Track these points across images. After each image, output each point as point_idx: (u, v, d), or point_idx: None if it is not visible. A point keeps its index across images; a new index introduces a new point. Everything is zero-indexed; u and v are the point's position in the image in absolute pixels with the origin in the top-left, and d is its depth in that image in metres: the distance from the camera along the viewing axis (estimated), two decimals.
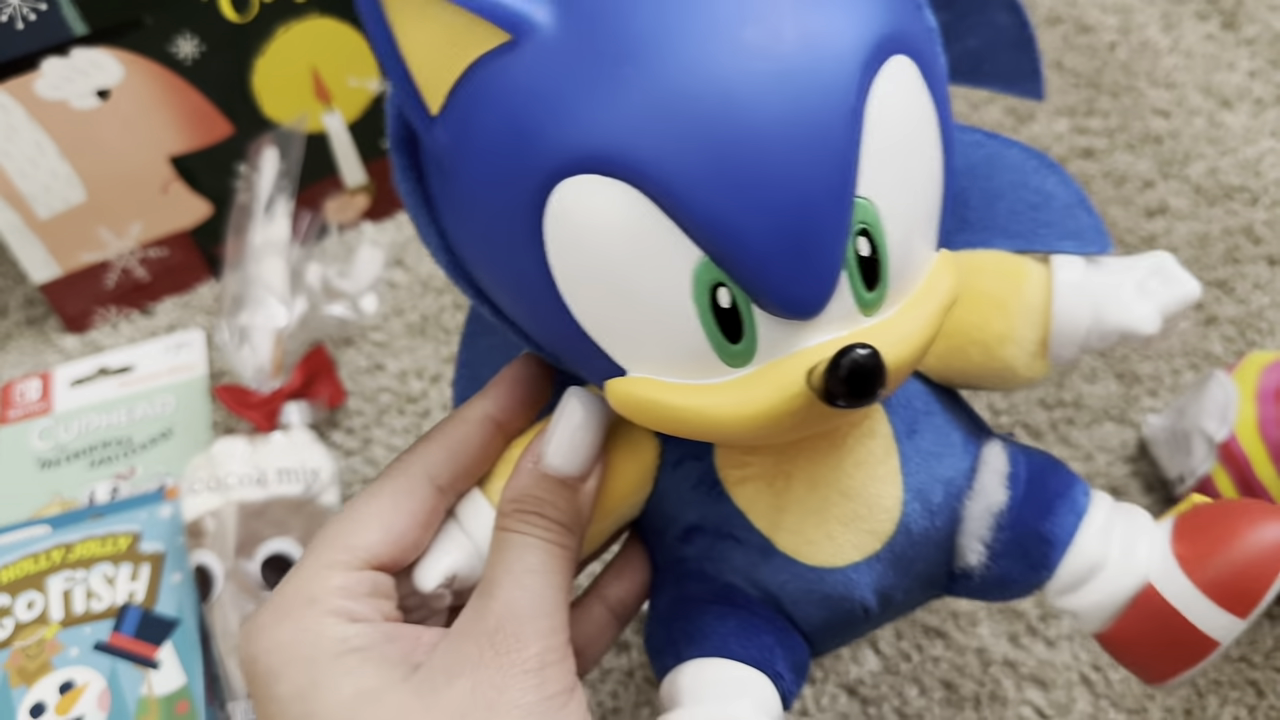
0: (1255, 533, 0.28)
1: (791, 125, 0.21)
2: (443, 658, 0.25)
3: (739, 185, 0.21)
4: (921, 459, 0.29)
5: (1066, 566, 0.29)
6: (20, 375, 0.55)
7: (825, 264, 0.22)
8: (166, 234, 0.56)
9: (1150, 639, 0.29)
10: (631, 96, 0.21)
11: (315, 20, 0.52)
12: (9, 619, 0.45)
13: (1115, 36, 0.64)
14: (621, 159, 0.21)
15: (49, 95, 0.49)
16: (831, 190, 0.22)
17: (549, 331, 0.25)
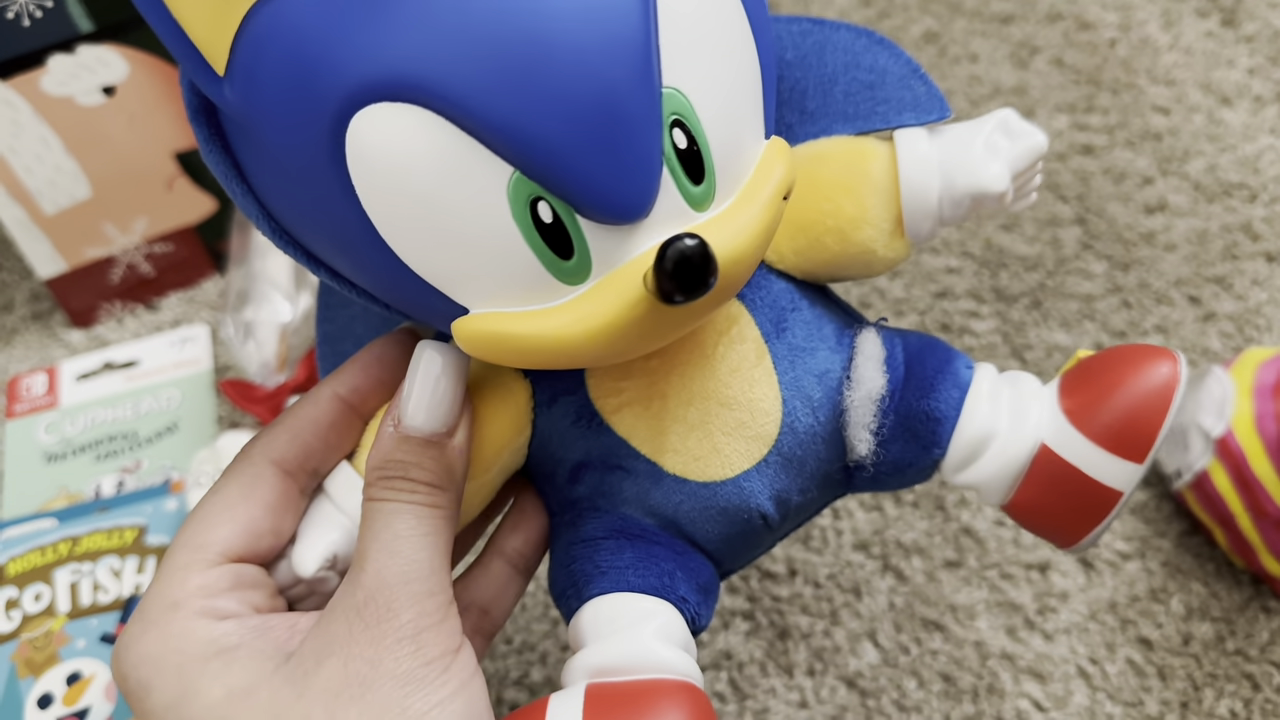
0: (1140, 375, 0.27)
1: (582, 20, 0.20)
2: (312, 641, 0.24)
3: (537, 90, 0.20)
4: (795, 356, 0.28)
5: (958, 441, 0.29)
6: (26, 370, 0.56)
7: (641, 160, 0.21)
8: (171, 230, 0.56)
9: (1055, 501, 0.28)
10: (412, 15, 0.20)
11: None
12: (16, 611, 0.45)
13: (1115, 33, 0.64)
14: (411, 81, 0.20)
15: (55, 91, 0.49)
16: (634, 81, 0.21)
17: (381, 281, 0.24)
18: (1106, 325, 0.53)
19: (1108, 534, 0.47)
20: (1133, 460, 0.27)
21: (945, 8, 0.66)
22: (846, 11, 0.67)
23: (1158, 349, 0.28)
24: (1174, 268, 0.55)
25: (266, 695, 0.23)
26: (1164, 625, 0.45)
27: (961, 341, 0.53)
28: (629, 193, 0.21)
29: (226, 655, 0.24)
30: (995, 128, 0.28)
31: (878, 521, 0.49)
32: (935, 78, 0.63)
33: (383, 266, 0.23)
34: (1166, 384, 0.27)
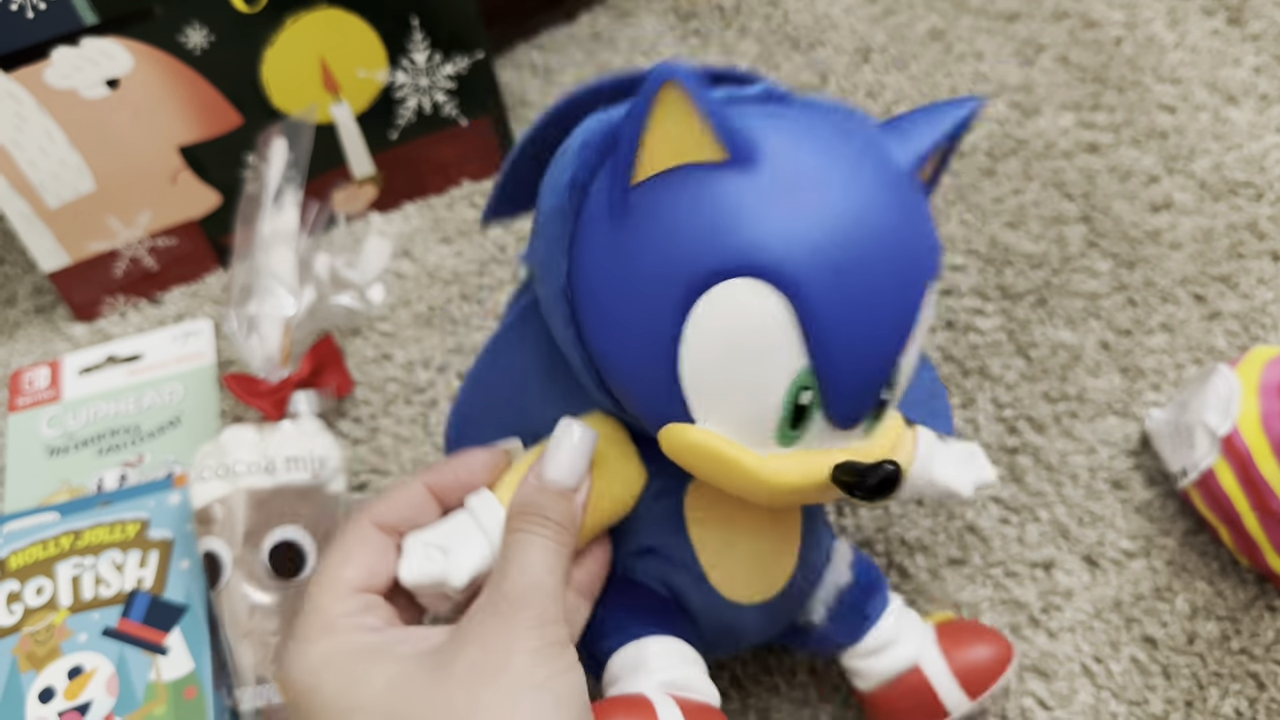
0: (988, 643, 0.41)
1: (891, 306, 0.29)
2: (453, 636, 0.30)
3: (856, 329, 0.29)
4: (811, 539, 0.38)
5: (869, 639, 0.40)
6: (29, 363, 0.56)
7: (877, 384, 0.30)
8: (175, 223, 0.56)
9: (902, 703, 0.40)
10: (804, 234, 0.28)
11: (324, 11, 0.52)
12: (18, 605, 0.45)
13: (1121, 32, 0.64)
14: (781, 274, 0.28)
15: (59, 84, 0.49)
16: (894, 351, 0.30)
17: (642, 377, 0.31)
18: (1112, 323, 0.53)
19: (1113, 532, 0.47)
20: (970, 695, 0.40)
21: (951, 5, 0.66)
22: (852, 7, 0.66)
23: (1005, 641, 0.41)
24: (1179, 266, 0.55)
25: (420, 680, 0.29)
26: (1169, 624, 0.45)
27: (967, 339, 0.53)
28: (856, 415, 0.30)
29: (381, 653, 0.30)
30: (969, 455, 0.42)
31: (881, 519, 0.49)
32: (940, 76, 0.63)
33: (657, 368, 0.30)
34: (1006, 658, 0.41)
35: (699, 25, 0.67)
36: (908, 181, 0.30)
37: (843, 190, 0.29)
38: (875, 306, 0.29)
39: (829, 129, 0.30)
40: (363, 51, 0.54)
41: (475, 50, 0.56)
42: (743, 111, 0.30)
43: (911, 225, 0.30)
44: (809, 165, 0.29)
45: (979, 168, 0.59)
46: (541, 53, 0.66)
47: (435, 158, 0.59)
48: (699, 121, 0.28)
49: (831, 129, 0.30)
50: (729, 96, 0.31)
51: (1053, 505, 0.48)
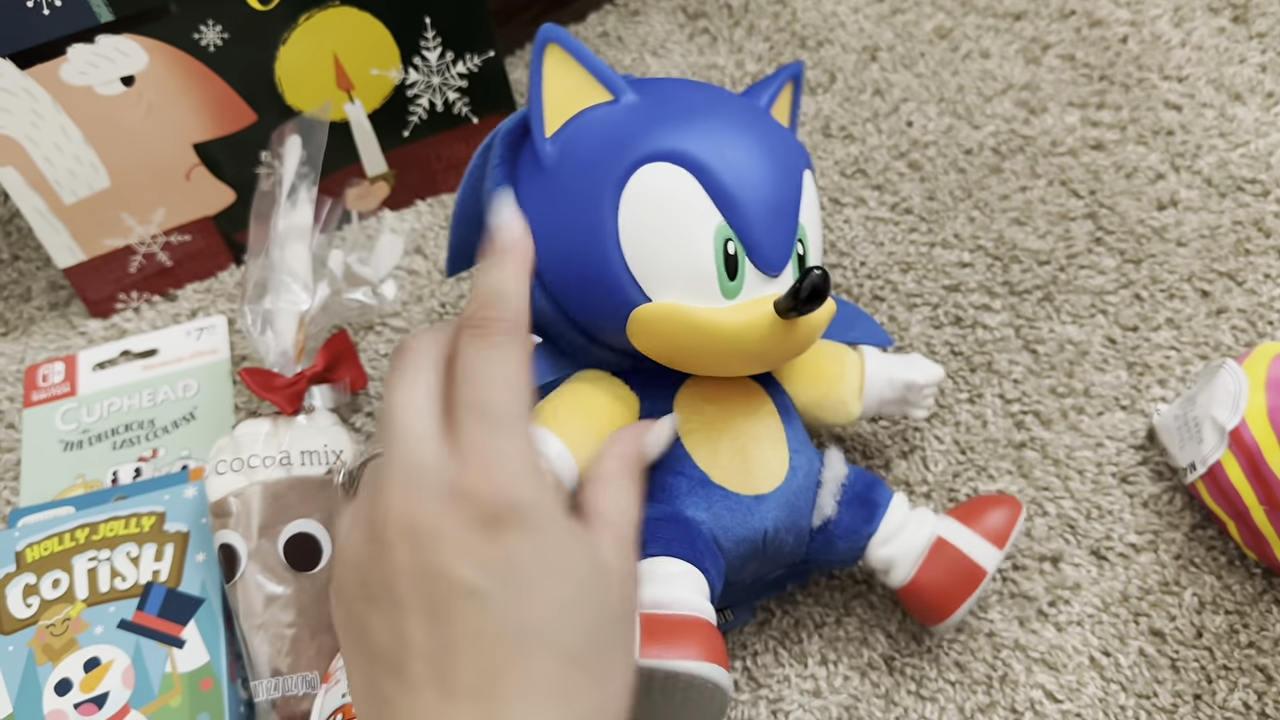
0: (1001, 502, 0.43)
1: (773, 169, 0.38)
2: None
3: (749, 186, 0.37)
4: (797, 439, 0.42)
5: (886, 521, 0.42)
6: (44, 359, 0.56)
7: (786, 241, 0.38)
8: (190, 220, 0.56)
9: (940, 578, 0.42)
10: (691, 130, 0.37)
11: (338, 10, 0.52)
12: (35, 597, 0.45)
13: (1127, 30, 0.65)
14: (684, 155, 0.36)
15: (74, 81, 0.50)
16: (792, 206, 0.38)
17: (596, 277, 0.37)
18: (1118, 319, 0.53)
19: (1121, 526, 0.48)
20: (997, 544, 0.42)
21: (957, 4, 0.67)
22: (859, 6, 0.67)
23: (1010, 498, 0.44)
24: (1186, 262, 0.55)
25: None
26: (1176, 617, 0.46)
27: (974, 335, 0.53)
28: (778, 256, 0.38)
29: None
30: (916, 358, 0.46)
31: None
32: (947, 74, 0.63)
33: (606, 264, 0.37)
34: (1016, 509, 0.43)
35: (707, 24, 0.67)
36: (763, 108, 0.41)
37: (717, 108, 0.38)
38: (761, 173, 0.37)
39: (692, 84, 0.40)
40: (376, 50, 0.54)
41: (487, 49, 0.56)
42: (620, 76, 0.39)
43: (777, 134, 0.39)
44: (686, 97, 0.38)
45: (986, 165, 0.59)
46: None
47: (447, 155, 0.59)
48: (583, 71, 0.38)
49: (694, 84, 0.40)
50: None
51: (1060, 499, 0.49)
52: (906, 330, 0.54)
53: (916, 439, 0.51)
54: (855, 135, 0.61)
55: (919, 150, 0.60)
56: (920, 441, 0.51)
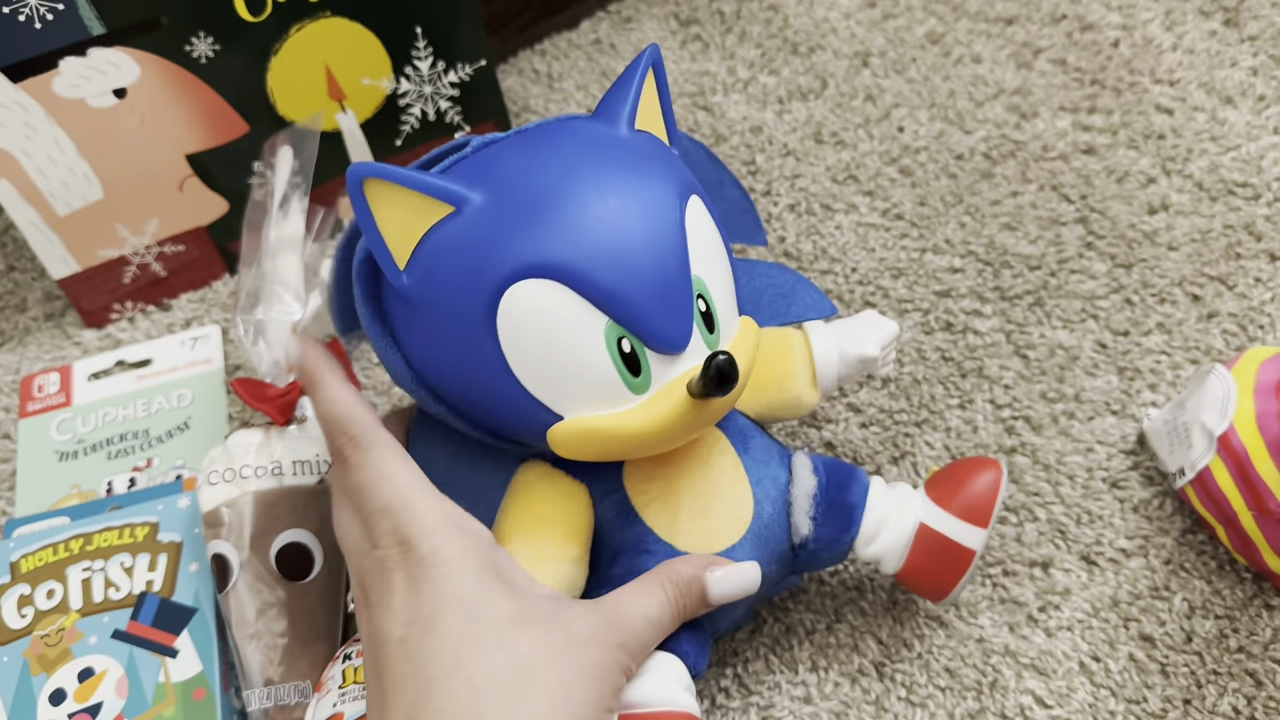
0: (979, 470, 0.41)
1: (648, 238, 0.34)
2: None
3: (626, 274, 0.33)
4: (756, 465, 0.41)
5: (866, 523, 0.41)
6: (39, 369, 0.56)
7: (683, 315, 0.34)
8: (183, 230, 0.56)
9: (931, 562, 0.41)
10: (549, 231, 0.33)
11: (329, 20, 0.52)
12: (29, 608, 0.46)
13: (1118, 34, 0.65)
14: (549, 266, 0.33)
15: (67, 94, 0.50)
16: (679, 270, 0.34)
17: (500, 404, 0.35)
18: (1109, 324, 0.54)
19: (1111, 531, 0.48)
20: (979, 525, 0.41)
21: (948, 9, 0.67)
22: (851, 12, 0.67)
23: (982, 458, 0.42)
24: (1176, 267, 0.55)
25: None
26: (1166, 622, 0.46)
27: (965, 340, 0.53)
28: (677, 335, 0.34)
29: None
30: (866, 320, 0.44)
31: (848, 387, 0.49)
32: (939, 80, 0.63)
33: (504, 391, 0.34)
34: (995, 477, 0.41)
35: (700, 30, 0.67)
36: (624, 139, 0.36)
37: (562, 176, 0.34)
38: (637, 252, 0.33)
39: (540, 138, 0.36)
40: (367, 60, 0.54)
41: (478, 58, 0.57)
42: (457, 169, 0.35)
43: (636, 169, 0.35)
44: (525, 176, 0.34)
45: (977, 170, 0.60)
46: (544, 59, 0.67)
47: None
48: (411, 194, 0.34)
49: (543, 136, 0.36)
50: (445, 166, 0.36)
51: (1050, 505, 0.49)
52: (897, 336, 0.54)
53: (907, 444, 0.51)
54: (846, 141, 0.61)
55: (910, 156, 0.61)
56: (911, 447, 0.51)
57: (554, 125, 0.37)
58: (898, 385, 0.53)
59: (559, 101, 0.64)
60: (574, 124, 0.37)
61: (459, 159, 0.36)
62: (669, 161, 0.36)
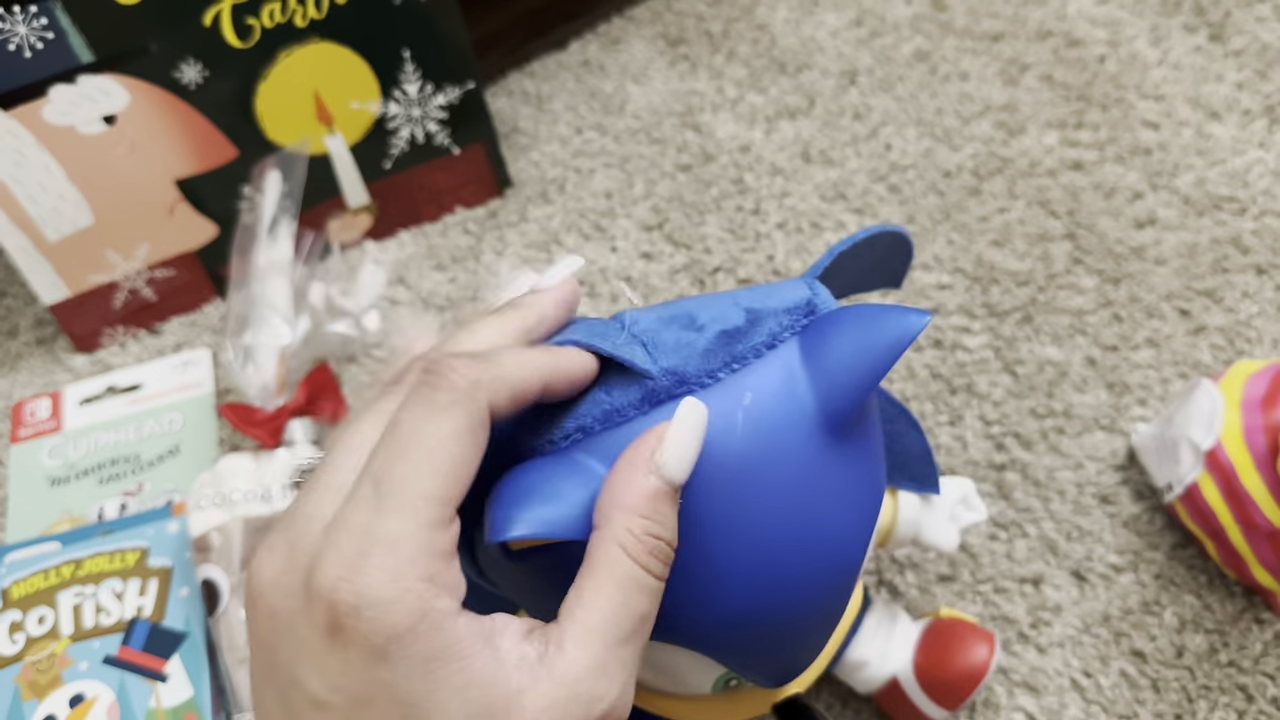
0: (965, 655, 0.42)
1: (816, 612, 0.29)
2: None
3: (771, 655, 0.29)
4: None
5: (844, 661, 0.42)
6: (30, 394, 0.57)
7: (806, 665, 0.31)
8: (173, 255, 0.57)
9: (897, 708, 0.43)
10: (704, 605, 0.27)
11: (317, 45, 0.53)
12: (20, 634, 0.46)
13: (1104, 50, 0.65)
14: (691, 643, 0.28)
15: (57, 121, 0.50)
16: (828, 635, 0.31)
17: None
18: (1098, 339, 0.54)
19: (1101, 547, 0.48)
20: (946, 708, 0.42)
21: (936, 27, 0.67)
22: (839, 31, 0.67)
23: (982, 639, 0.42)
24: (1164, 281, 0.55)
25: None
26: (1157, 637, 0.46)
27: (954, 357, 0.54)
28: (790, 678, 0.31)
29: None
30: (960, 500, 0.42)
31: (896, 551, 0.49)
32: (926, 97, 0.64)
33: None
34: (982, 667, 0.41)
35: (687, 50, 0.67)
36: (830, 444, 0.27)
37: (736, 540, 0.26)
38: (794, 636, 0.29)
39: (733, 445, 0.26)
40: (355, 84, 0.55)
41: (466, 80, 0.57)
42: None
43: (836, 511, 0.27)
44: (697, 519, 0.26)
45: (965, 187, 0.60)
46: (533, 80, 0.67)
47: (429, 186, 0.60)
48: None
49: (723, 426, 0.26)
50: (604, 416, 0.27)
51: (1041, 521, 0.49)
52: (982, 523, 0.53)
53: None
54: (834, 159, 0.62)
55: (898, 173, 0.61)
56: None
57: (749, 379, 0.27)
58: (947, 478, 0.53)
59: (548, 123, 0.65)
60: (771, 396, 0.27)
61: (619, 422, 0.27)
62: (875, 465, 0.29)
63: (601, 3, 0.69)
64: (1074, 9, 0.67)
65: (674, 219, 0.60)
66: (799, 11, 0.69)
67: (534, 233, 0.60)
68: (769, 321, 0.27)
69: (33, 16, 0.47)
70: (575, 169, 0.63)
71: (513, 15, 0.66)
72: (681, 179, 0.62)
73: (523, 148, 0.64)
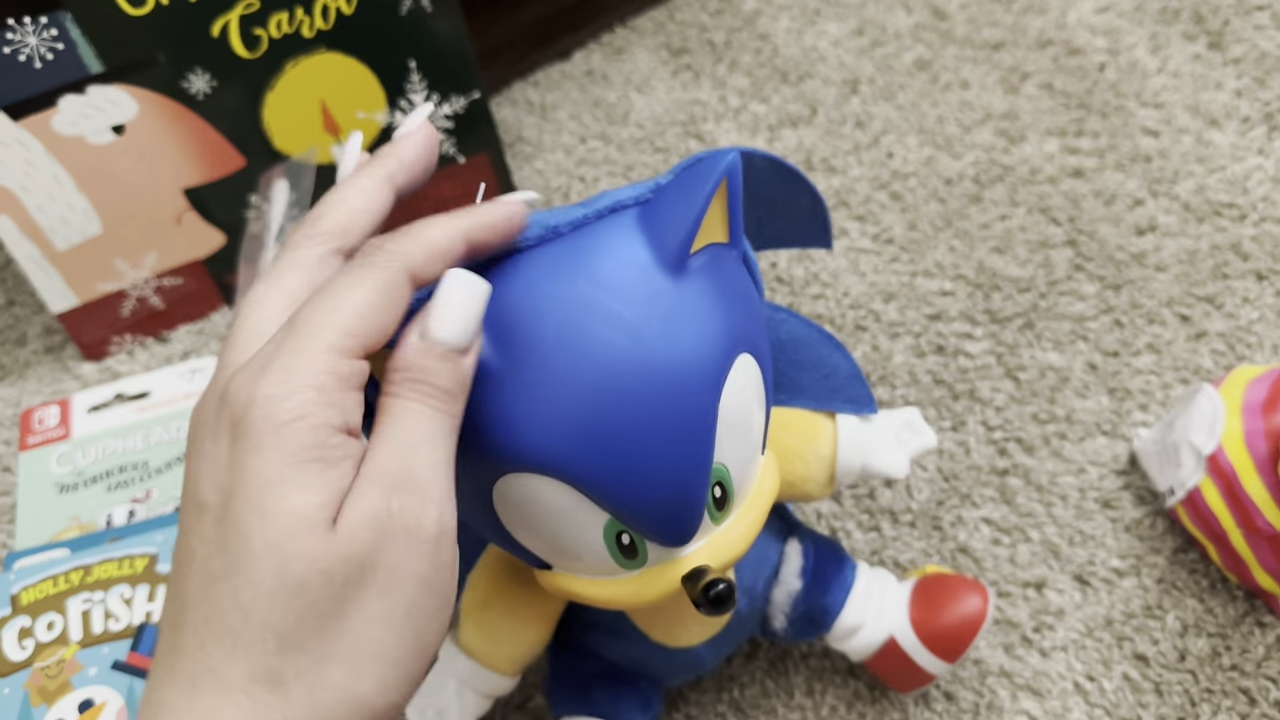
0: (960, 605, 0.42)
1: (668, 436, 0.29)
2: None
3: (634, 478, 0.29)
4: (751, 565, 0.40)
5: (838, 626, 0.42)
6: (39, 402, 0.57)
7: (693, 515, 0.30)
8: (181, 264, 0.57)
9: (894, 669, 0.43)
10: (549, 421, 0.28)
11: (323, 55, 0.53)
12: (30, 640, 0.46)
13: (1104, 58, 0.65)
14: (546, 465, 0.29)
15: (66, 131, 0.51)
16: (697, 470, 0.30)
17: (493, 536, 0.33)
18: (1099, 345, 0.54)
19: (1104, 551, 0.48)
20: (946, 661, 0.42)
21: (936, 36, 0.68)
22: (840, 40, 0.68)
23: (974, 586, 0.42)
24: (1165, 287, 0.56)
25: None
26: (1160, 641, 0.46)
27: (956, 363, 0.54)
28: (683, 535, 0.31)
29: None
30: (904, 425, 0.41)
31: (875, 542, 0.49)
32: (927, 106, 0.64)
33: (504, 539, 0.32)
34: (979, 615, 0.41)
35: (690, 60, 0.68)
36: (667, 283, 0.29)
37: (578, 336, 0.28)
38: (644, 448, 0.28)
39: (565, 260, 0.29)
40: (362, 94, 0.55)
41: (471, 90, 0.57)
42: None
43: (672, 332, 0.29)
44: (535, 326, 0.28)
45: (966, 194, 0.60)
46: (538, 90, 0.67)
47: (435, 195, 0.60)
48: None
49: (569, 258, 0.29)
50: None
51: (1043, 525, 0.49)
52: (889, 359, 0.54)
53: None
54: (837, 167, 0.62)
55: (900, 181, 0.61)
56: None
57: (587, 239, 0.30)
58: (890, 409, 0.53)
59: (552, 132, 0.65)
60: (611, 240, 0.29)
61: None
62: (718, 307, 0.30)
63: (605, 13, 0.69)
64: (1074, 18, 0.67)
65: None
66: (801, 21, 0.69)
67: None
68: (617, 194, 0.31)
69: (43, 28, 0.47)
70: (580, 177, 0.63)
71: (517, 26, 0.67)
72: None
73: (527, 157, 0.64)
